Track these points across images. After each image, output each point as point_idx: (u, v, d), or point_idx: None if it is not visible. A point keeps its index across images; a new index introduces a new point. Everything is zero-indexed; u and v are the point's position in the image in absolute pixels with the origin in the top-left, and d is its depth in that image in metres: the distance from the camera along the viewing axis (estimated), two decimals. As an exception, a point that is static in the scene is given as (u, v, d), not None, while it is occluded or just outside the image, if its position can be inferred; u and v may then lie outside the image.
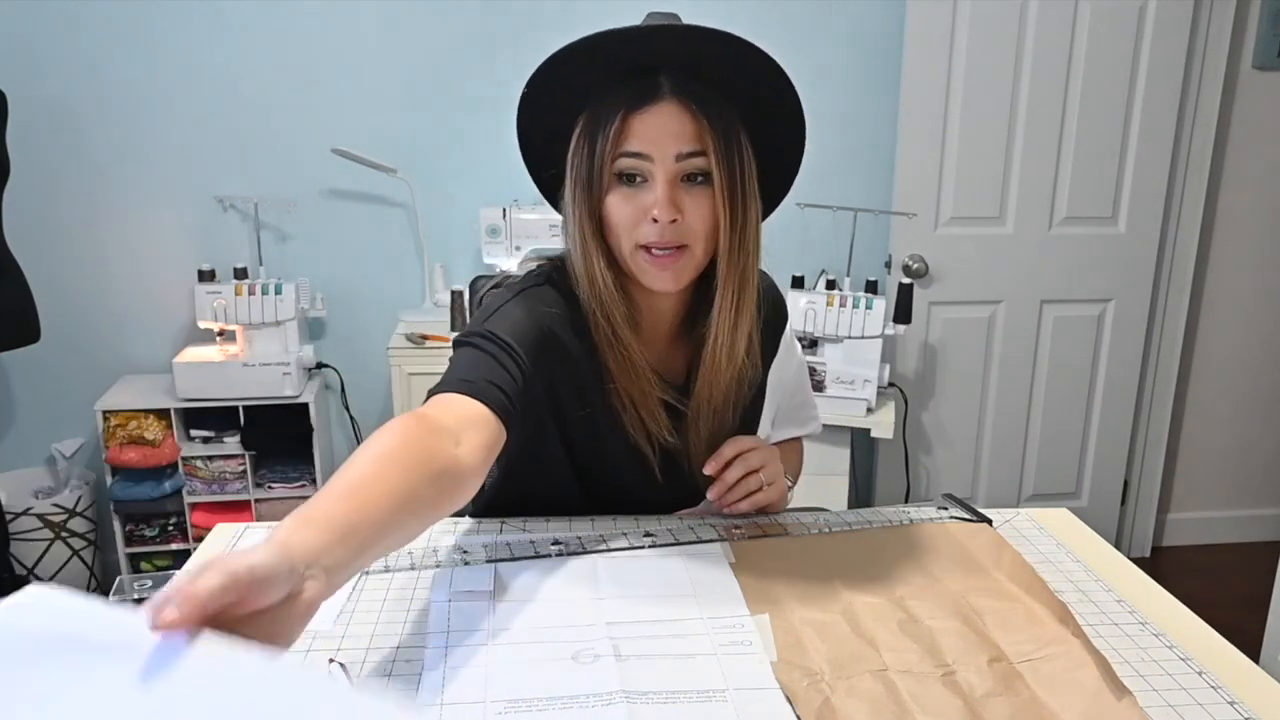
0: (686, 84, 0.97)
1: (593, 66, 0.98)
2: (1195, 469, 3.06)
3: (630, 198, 0.99)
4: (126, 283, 2.63)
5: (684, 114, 0.97)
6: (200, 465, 2.52)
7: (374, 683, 0.80)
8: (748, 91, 1.00)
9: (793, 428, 1.33)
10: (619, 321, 1.04)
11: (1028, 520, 1.15)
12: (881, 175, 2.70)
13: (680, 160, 0.97)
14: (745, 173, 1.00)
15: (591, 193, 1.01)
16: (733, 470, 1.07)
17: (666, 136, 0.97)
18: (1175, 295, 2.85)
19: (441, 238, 2.67)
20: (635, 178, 0.99)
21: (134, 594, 0.96)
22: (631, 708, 0.76)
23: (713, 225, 1.00)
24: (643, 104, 0.97)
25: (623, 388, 1.05)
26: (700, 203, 0.99)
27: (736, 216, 1.00)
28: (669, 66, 0.98)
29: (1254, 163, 2.81)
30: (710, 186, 0.99)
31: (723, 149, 0.98)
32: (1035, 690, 0.78)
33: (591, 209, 1.01)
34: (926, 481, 2.87)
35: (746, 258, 1.03)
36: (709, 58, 0.97)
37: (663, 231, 0.98)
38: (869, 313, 2.42)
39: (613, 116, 0.97)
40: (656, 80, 0.97)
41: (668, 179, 0.97)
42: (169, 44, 2.48)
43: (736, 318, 1.05)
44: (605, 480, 1.12)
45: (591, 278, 1.04)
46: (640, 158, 0.98)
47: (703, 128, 0.97)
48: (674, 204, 0.97)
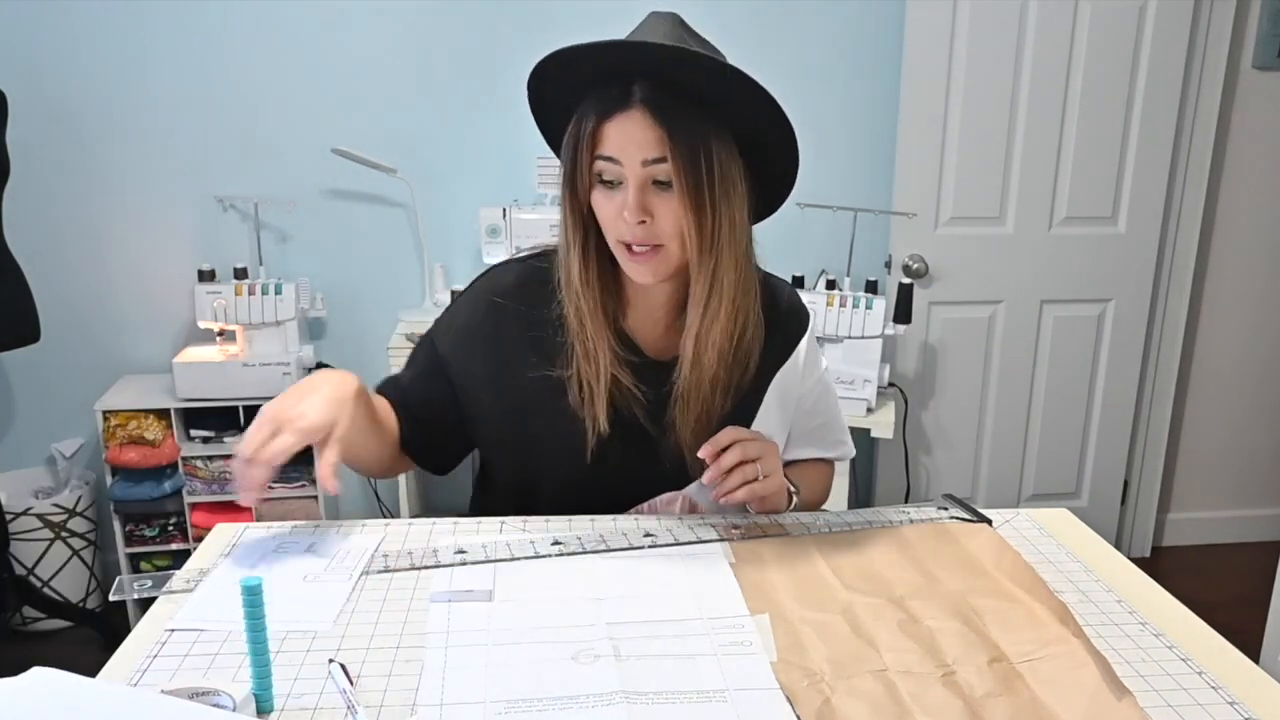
0: (656, 93, 1.01)
1: (571, 76, 1.04)
2: (1195, 469, 3.06)
3: (610, 197, 1.06)
4: (126, 283, 2.63)
5: (649, 121, 1.01)
6: (200, 465, 2.52)
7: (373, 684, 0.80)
8: (722, 100, 1.03)
9: (814, 448, 1.32)
10: (585, 311, 1.11)
11: (1028, 520, 1.15)
12: (881, 175, 2.70)
13: (646, 165, 1.02)
14: (713, 179, 1.03)
15: (575, 190, 1.07)
16: (728, 455, 1.08)
17: (632, 143, 1.02)
18: (1175, 295, 2.85)
19: (441, 238, 2.67)
20: (612, 180, 1.05)
21: (134, 594, 0.96)
22: (631, 708, 0.76)
23: (681, 227, 1.05)
24: (613, 111, 1.02)
25: (579, 367, 1.12)
26: (670, 206, 1.04)
27: (704, 220, 1.04)
28: (643, 76, 1.02)
29: (1254, 163, 2.81)
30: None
31: (685, 156, 1.01)
32: (1035, 690, 0.78)
33: (574, 204, 1.08)
34: (926, 481, 2.87)
35: (717, 258, 1.06)
36: (678, 70, 1.01)
37: (634, 232, 1.04)
38: (869, 313, 2.42)
39: (588, 121, 1.04)
40: (630, 89, 1.02)
41: (637, 183, 1.03)
42: (169, 44, 2.48)
43: (706, 312, 1.09)
44: (536, 434, 1.16)
45: (567, 267, 1.12)
46: (613, 161, 1.03)
47: (665, 135, 1.01)
48: (642, 207, 1.03)
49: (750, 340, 1.14)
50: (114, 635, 2.43)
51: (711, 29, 1.15)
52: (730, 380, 1.14)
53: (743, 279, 1.10)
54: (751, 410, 1.19)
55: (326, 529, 1.09)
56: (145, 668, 0.82)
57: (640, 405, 1.14)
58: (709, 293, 1.08)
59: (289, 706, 0.77)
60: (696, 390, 1.12)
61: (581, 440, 1.13)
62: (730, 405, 1.15)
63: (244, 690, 0.75)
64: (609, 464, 1.14)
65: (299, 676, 0.81)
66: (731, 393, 1.15)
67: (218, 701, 0.73)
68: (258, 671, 0.76)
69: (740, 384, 1.16)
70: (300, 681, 0.80)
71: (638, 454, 1.15)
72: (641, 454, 1.15)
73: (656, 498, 1.18)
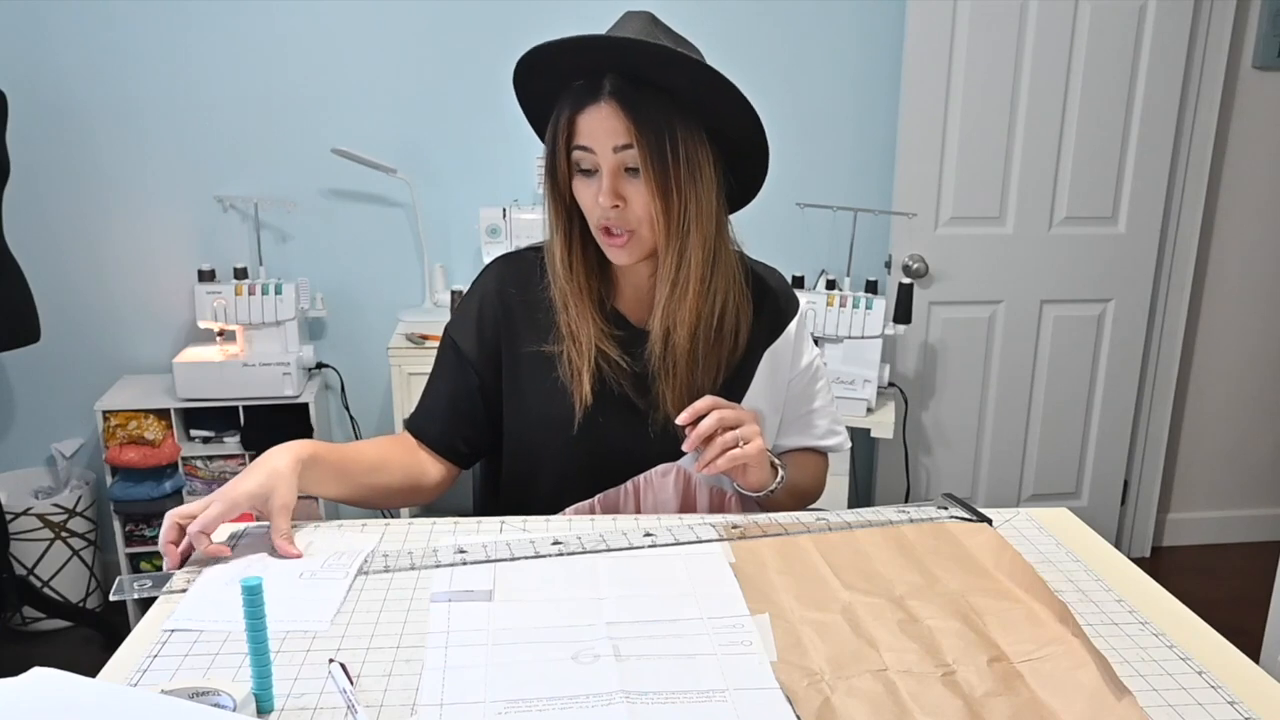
0: (624, 86, 1.09)
1: (551, 72, 1.12)
2: (1195, 469, 3.06)
3: (587, 185, 1.14)
4: (126, 283, 2.63)
5: (618, 112, 1.09)
6: (200, 465, 2.52)
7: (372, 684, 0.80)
8: (688, 91, 1.10)
9: (802, 436, 1.34)
10: (569, 292, 1.19)
11: (1028, 520, 1.15)
12: (881, 175, 2.70)
13: (617, 152, 1.10)
14: (678, 163, 1.11)
15: (555, 179, 1.16)
16: (706, 421, 1.10)
17: (603, 132, 1.10)
18: (1175, 295, 2.85)
19: (441, 238, 2.67)
20: (589, 169, 1.13)
21: (134, 594, 0.96)
22: (631, 708, 0.76)
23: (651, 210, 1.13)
24: (585, 104, 1.10)
25: (567, 344, 1.20)
26: (640, 191, 1.12)
27: (670, 202, 1.12)
28: (611, 71, 1.10)
29: (1254, 163, 2.81)
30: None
31: (651, 142, 1.09)
32: (1035, 690, 0.78)
33: (556, 193, 1.17)
34: (926, 481, 2.87)
35: (684, 238, 1.14)
36: (643, 64, 1.09)
37: (607, 215, 1.12)
38: (869, 313, 2.42)
39: (563, 114, 1.12)
40: (601, 83, 1.10)
41: (610, 170, 1.11)
42: (169, 44, 2.48)
43: (674, 290, 1.16)
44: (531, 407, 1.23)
45: (550, 252, 1.21)
46: (587, 150, 1.11)
47: (632, 124, 1.09)
48: (615, 192, 1.11)
49: (734, 319, 1.20)
50: (114, 635, 2.43)
51: (711, 29, 1.17)
52: (718, 357, 1.20)
53: (713, 259, 1.16)
54: (741, 387, 1.24)
55: (326, 529, 1.09)
56: (145, 668, 0.82)
57: (628, 378, 1.19)
58: (675, 271, 1.15)
59: (289, 706, 0.77)
60: (675, 364, 1.18)
61: (571, 413, 1.18)
62: (720, 381, 1.21)
63: (244, 690, 0.75)
64: (599, 436, 1.19)
65: (299, 676, 0.81)
66: (721, 369, 1.21)
67: (218, 701, 0.73)
68: (258, 671, 0.76)
69: (730, 361, 1.22)
70: (300, 681, 0.80)
71: (625, 426, 1.20)
72: (629, 426, 1.20)
73: (652, 469, 1.21)
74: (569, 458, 1.21)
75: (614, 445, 1.20)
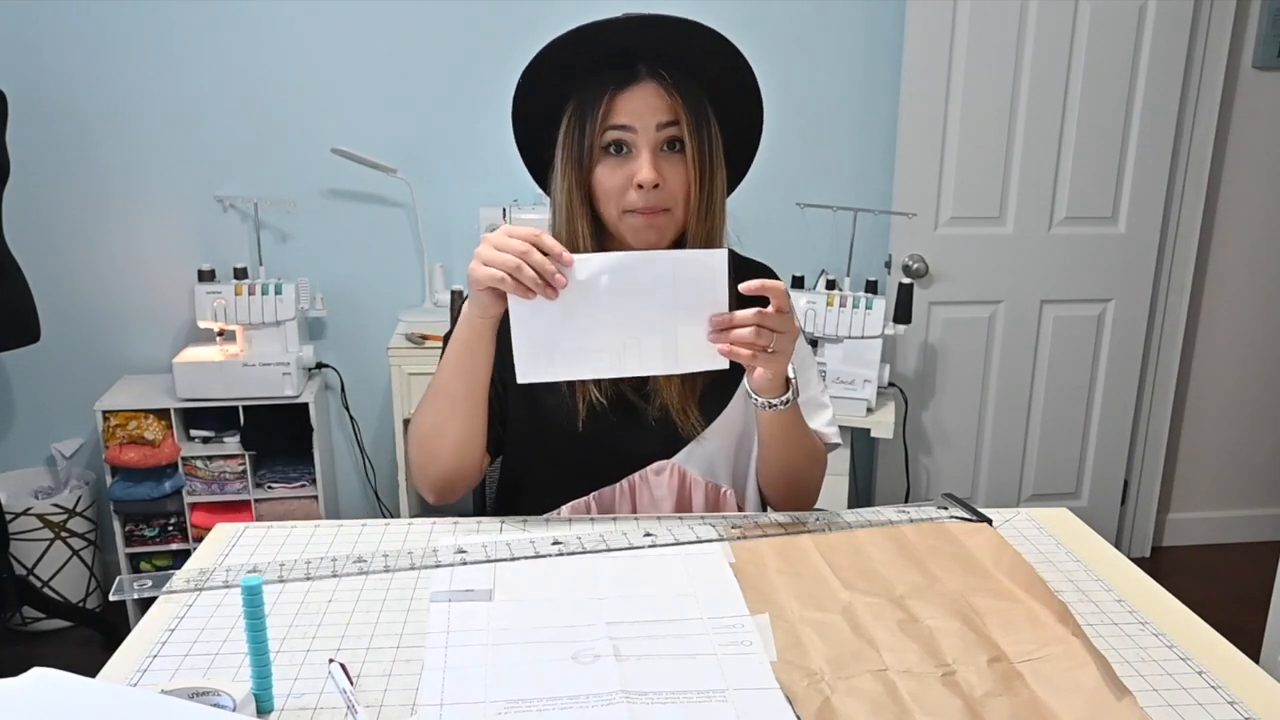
0: (659, 68, 1.13)
1: (581, 54, 1.14)
2: (1195, 469, 3.06)
3: (618, 167, 1.14)
4: (126, 283, 2.63)
5: (661, 91, 1.13)
6: (200, 465, 2.52)
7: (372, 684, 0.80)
8: (708, 70, 1.15)
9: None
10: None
11: (1028, 520, 1.15)
12: (881, 175, 2.69)
13: (660, 129, 1.13)
14: (713, 143, 1.16)
15: (581, 167, 1.15)
16: (747, 314, 1.04)
17: (647, 110, 1.12)
18: (1175, 295, 2.85)
19: (441, 238, 2.67)
20: (623, 147, 1.14)
21: (134, 594, 0.96)
22: (631, 708, 0.76)
23: (688, 190, 1.15)
24: (626, 85, 1.13)
25: None
26: (678, 169, 1.14)
27: (705, 180, 1.15)
28: (644, 54, 1.14)
29: (1254, 163, 2.81)
30: (685, 154, 1.14)
31: (694, 119, 1.13)
32: (1035, 690, 0.78)
33: (580, 180, 1.16)
34: (926, 481, 2.87)
35: (714, 219, 1.17)
36: (676, 44, 1.14)
37: (647, 197, 1.12)
38: (869, 313, 2.42)
39: (600, 97, 1.13)
40: (635, 66, 1.13)
41: (650, 146, 1.13)
42: (169, 44, 2.48)
43: None
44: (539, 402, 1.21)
45: (573, 244, 1.17)
46: (626, 129, 1.13)
47: (676, 102, 1.13)
48: (656, 169, 1.12)
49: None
50: (114, 635, 2.43)
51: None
52: None
53: (722, 243, 1.19)
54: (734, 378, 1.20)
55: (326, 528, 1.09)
56: (145, 668, 0.82)
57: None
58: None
59: (289, 706, 0.77)
60: None
61: (574, 409, 1.19)
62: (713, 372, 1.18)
63: (244, 690, 0.75)
64: (598, 433, 1.19)
65: (299, 676, 0.81)
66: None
67: (218, 701, 0.73)
68: (258, 671, 0.76)
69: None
70: (300, 681, 0.80)
71: (621, 422, 1.20)
72: (626, 422, 1.20)
73: (647, 467, 1.21)
74: (569, 455, 1.21)
75: (611, 442, 1.20)
